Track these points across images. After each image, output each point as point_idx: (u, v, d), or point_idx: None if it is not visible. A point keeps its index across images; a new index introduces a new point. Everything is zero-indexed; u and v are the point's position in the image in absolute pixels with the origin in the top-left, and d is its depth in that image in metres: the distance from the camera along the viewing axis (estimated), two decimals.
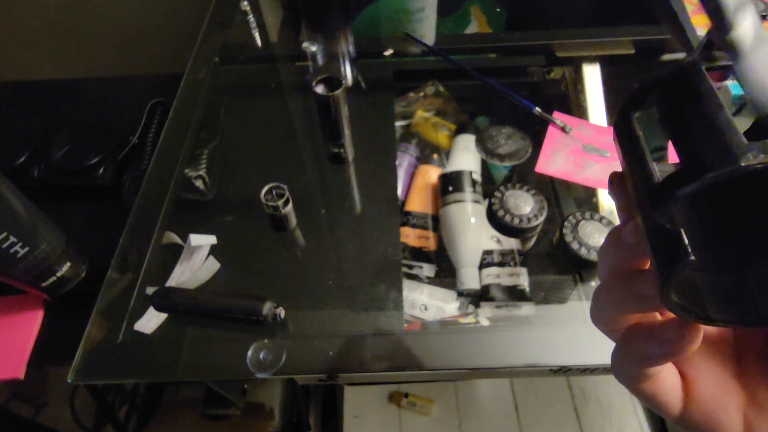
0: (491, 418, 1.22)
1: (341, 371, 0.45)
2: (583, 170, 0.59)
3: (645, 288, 0.18)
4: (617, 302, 0.19)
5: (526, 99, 0.66)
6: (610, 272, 0.20)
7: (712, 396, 0.19)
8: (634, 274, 0.18)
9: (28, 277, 0.47)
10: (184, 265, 0.52)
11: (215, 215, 0.57)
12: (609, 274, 0.20)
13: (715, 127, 0.14)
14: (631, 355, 0.19)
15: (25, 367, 0.50)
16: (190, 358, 0.46)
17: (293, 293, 0.50)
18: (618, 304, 0.19)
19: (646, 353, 0.18)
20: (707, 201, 0.16)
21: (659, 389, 0.19)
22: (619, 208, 0.21)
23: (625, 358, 0.19)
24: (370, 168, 0.60)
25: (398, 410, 1.23)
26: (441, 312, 0.52)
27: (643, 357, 0.18)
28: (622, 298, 0.19)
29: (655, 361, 0.18)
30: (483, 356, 0.44)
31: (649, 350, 0.18)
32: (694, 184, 0.14)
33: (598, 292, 0.20)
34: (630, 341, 0.19)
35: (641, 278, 0.18)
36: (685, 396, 0.20)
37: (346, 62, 0.70)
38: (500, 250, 0.55)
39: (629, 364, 0.19)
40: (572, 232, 0.51)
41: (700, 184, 0.13)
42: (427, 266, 0.55)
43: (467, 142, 0.64)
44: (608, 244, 0.20)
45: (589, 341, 0.45)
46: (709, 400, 0.19)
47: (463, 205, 0.55)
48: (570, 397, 1.24)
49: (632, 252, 0.19)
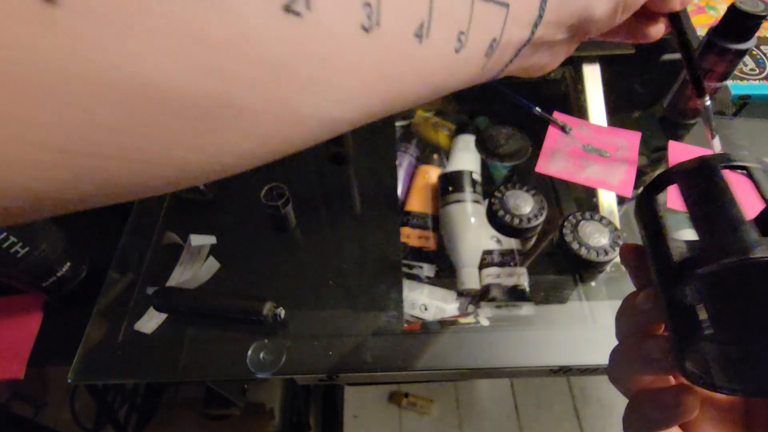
0: (491, 418, 1.22)
1: (341, 371, 0.45)
2: (583, 170, 0.59)
3: (654, 352, 0.19)
4: (630, 363, 0.20)
5: (526, 99, 0.66)
6: (625, 335, 0.21)
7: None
8: (645, 339, 0.20)
9: (28, 277, 0.47)
10: (184, 265, 0.52)
11: (215, 215, 0.57)
12: (623, 337, 0.21)
13: (732, 220, 0.16)
14: (638, 418, 0.20)
15: (25, 367, 0.50)
16: (191, 358, 0.46)
17: (293, 293, 0.50)
18: (630, 364, 0.20)
19: (650, 417, 0.19)
20: (721, 282, 0.17)
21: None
22: (631, 275, 0.22)
23: (633, 419, 0.20)
24: (370, 168, 0.60)
25: (398, 410, 1.23)
26: (441, 312, 0.52)
27: (647, 420, 0.19)
28: (634, 360, 0.20)
29: (658, 425, 0.19)
30: (483, 356, 0.44)
31: (652, 414, 0.19)
32: (712, 266, 0.16)
33: (614, 352, 0.22)
34: (637, 404, 0.20)
35: (651, 343, 0.19)
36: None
37: None
38: (500, 250, 0.55)
39: (638, 425, 0.20)
40: (572, 232, 0.51)
41: (716, 266, 0.16)
42: (427, 266, 0.55)
43: (467, 142, 0.64)
44: (624, 308, 0.21)
45: (589, 341, 0.45)
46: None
47: (463, 205, 0.55)
48: (570, 397, 1.24)
49: (646, 317, 0.20)
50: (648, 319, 0.20)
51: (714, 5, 0.76)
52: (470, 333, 0.46)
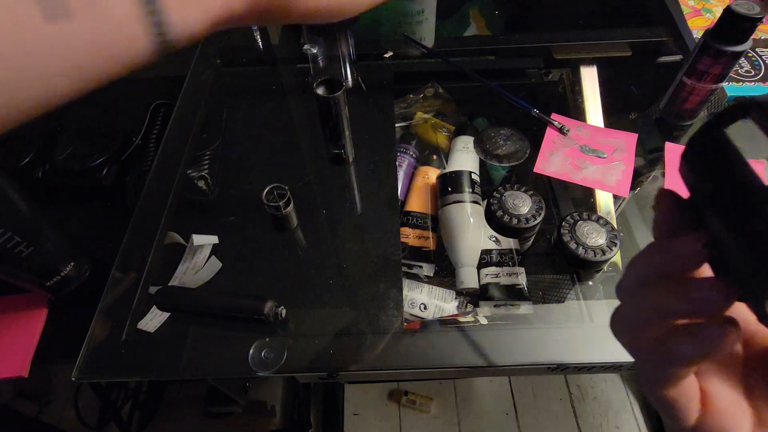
0: (490, 416, 1.22)
1: (342, 369, 0.45)
2: (581, 171, 0.60)
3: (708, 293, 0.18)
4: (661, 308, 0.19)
5: (524, 101, 0.66)
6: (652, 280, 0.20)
7: (727, 410, 0.20)
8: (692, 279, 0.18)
9: (32, 276, 0.47)
10: (186, 265, 0.53)
11: (217, 215, 0.58)
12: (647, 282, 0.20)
13: None
14: (667, 355, 0.19)
15: (29, 365, 0.50)
16: (193, 357, 0.46)
17: (294, 292, 0.51)
18: (662, 310, 0.19)
19: (683, 352, 0.18)
20: None
21: (682, 396, 0.20)
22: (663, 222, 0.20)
23: (657, 359, 0.19)
24: (370, 169, 0.61)
25: (398, 408, 1.24)
26: (440, 311, 0.53)
27: (679, 356, 0.18)
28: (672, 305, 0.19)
29: (693, 359, 0.18)
30: (482, 354, 0.45)
31: (688, 348, 0.18)
32: None
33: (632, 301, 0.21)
34: (667, 341, 0.19)
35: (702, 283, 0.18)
36: (702, 407, 0.20)
37: (346, 64, 0.70)
38: (499, 250, 0.55)
39: (660, 366, 0.19)
40: (570, 232, 0.52)
41: None
42: (426, 266, 0.56)
43: (466, 143, 0.65)
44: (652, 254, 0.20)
45: (587, 340, 0.46)
46: (724, 413, 0.20)
47: (462, 205, 0.56)
48: (568, 395, 1.25)
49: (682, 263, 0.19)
50: (684, 264, 0.19)
51: (710, 8, 0.77)
52: (469, 332, 0.47)
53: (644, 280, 0.20)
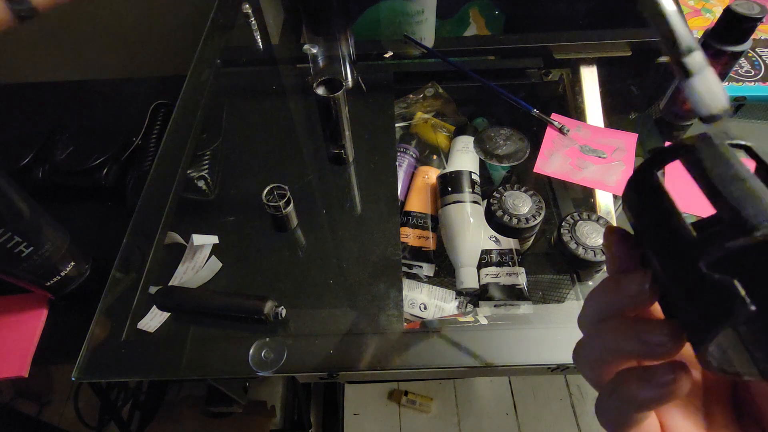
0: (490, 416, 1.22)
1: (342, 369, 0.45)
2: (581, 171, 0.60)
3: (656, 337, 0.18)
4: (613, 348, 0.19)
5: (524, 101, 0.66)
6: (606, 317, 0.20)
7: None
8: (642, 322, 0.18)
9: (32, 276, 0.47)
10: (186, 265, 0.53)
11: (217, 215, 0.58)
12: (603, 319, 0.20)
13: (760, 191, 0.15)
14: (623, 399, 0.18)
15: (29, 365, 0.50)
16: (193, 357, 0.46)
17: (294, 292, 0.51)
18: (615, 350, 0.19)
19: (639, 397, 0.18)
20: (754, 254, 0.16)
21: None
22: (612, 260, 0.21)
23: (615, 401, 0.19)
24: (370, 169, 0.61)
25: (398, 408, 1.24)
26: (440, 311, 0.53)
27: (634, 400, 0.18)
28: (623, 345, 0.18)
29: (647, 405, 0.18)
30: (482, 354, 0.45)
31: (642, 394, 0.18)
32: (744, 239, 0.15)
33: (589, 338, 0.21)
34: (623, 383, 0.19)
35: (651, 326, 0.18)
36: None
37: (346, 64, 0.70)
38: (499, 250, 0.55)
39: (618, 409, 0.19)
40: (570, 232, 0.52)
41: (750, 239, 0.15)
42: (426, 266, 0.56)
43: (466, 143, 0.65)
44: (601, 290, 0.20)
45: None
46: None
47: (462, 205, 0.56)
48: (568, 395, 1.25)
49: (630, 301, 0.19)
50: (633, 303, 0.19)
51: (710, 8, 0.77)
52: (469, 331, 0.47)
53: (599, 317, 0.20)
